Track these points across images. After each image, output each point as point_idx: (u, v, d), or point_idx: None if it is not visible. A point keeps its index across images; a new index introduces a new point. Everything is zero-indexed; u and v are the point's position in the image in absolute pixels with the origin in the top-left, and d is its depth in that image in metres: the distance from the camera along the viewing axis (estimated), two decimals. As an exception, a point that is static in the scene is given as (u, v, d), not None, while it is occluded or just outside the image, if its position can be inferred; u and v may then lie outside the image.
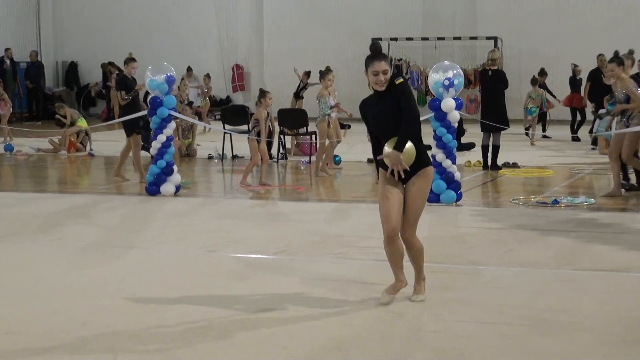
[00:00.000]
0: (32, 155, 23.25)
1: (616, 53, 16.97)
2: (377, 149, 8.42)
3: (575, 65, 26.93)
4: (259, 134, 17.00)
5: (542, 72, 26.55)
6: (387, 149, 8.08)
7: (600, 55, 24.44)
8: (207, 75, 31.19)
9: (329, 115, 18.30)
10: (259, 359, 7.13)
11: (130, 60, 18.60)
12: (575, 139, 24.75)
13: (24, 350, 7.42)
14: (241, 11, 35.19)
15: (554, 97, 27.41)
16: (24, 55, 35.11)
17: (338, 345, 7.21)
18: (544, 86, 26.39)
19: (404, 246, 8.46)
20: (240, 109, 24.24)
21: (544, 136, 26.09)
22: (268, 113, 17.54)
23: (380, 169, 8.39)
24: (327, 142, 18.32)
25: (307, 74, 27.24)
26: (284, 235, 12.32)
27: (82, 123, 23.54)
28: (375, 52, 8.57)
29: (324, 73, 19.50)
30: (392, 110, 8.15)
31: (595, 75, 23.76)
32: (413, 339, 7.72)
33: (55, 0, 37.45)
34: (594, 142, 22.27)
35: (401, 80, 8.27)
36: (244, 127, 20.89)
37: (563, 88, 29.04)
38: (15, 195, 16.44)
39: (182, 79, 28.45)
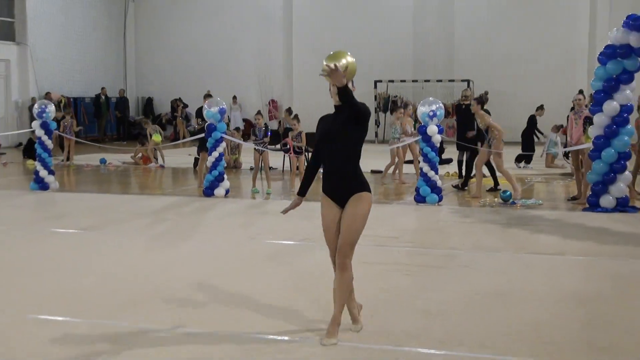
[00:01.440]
0: (119, 167, 23.34)
1: (481, 95, 17.46)
2: (312, 162, 6.97)
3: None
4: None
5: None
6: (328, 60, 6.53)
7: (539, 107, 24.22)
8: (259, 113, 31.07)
9: (398, 138, 18.24)
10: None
11: (207, 95, 18.80)
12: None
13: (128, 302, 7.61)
14: (275, 59, 35.17)
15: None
16: (114, 92, 35.25)
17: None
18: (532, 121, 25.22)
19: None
20: (275, 133, 24.20)
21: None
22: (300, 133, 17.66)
23: (322, 192, 6.67)
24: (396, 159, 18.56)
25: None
26: (307, 227, 12.38)
27: (157, 138, 23.59)
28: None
29: (395, 108, 19.40)
30: (341, 126, 6.45)
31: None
32: (407, 305, 7.79)
33: (137, 51, 37.53)
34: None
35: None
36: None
37: (521, 119, 29.09)
38: (105, 197, 16.55)
39: (258, 112, 28.40)
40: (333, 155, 6.50)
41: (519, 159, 22.52)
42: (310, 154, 17.43)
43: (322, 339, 6.46)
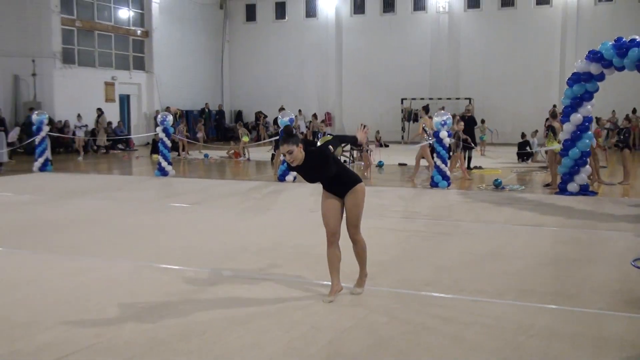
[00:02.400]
0: (217, 160, 23.53)
1: (427, 105, 18.63)
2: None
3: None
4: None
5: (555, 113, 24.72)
6: None
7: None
8: (315, 117, 31.03)
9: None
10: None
11: (281, 109, 18.93)
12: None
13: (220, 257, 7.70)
14: (329, 82, 35.23)
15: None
16: (214, 106, 35.55)
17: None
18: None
19: (340, 253, 6.25)
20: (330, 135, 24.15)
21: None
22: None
23: (323, 189, 6.24)
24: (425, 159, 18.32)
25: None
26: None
27: (245, 138, 23.70)
28: (283, 136, 6.01)
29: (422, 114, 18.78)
30: (311, 169, 6.02)
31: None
32: (423, 261, 7.77)
33: (230, 77, 37.74)
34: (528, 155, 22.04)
35: (313, 149, 6.01)
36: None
37: (511, 126, 28.88)
38: (207, 181, 16.69)
39: (310, 121, 28.41)
40: (320, 179, 6.19)
41: (519, 156, 22.23)
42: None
43: (352, 289, 6.30)
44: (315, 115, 24.64)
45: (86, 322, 5.54)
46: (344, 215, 6.26)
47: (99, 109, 27.30)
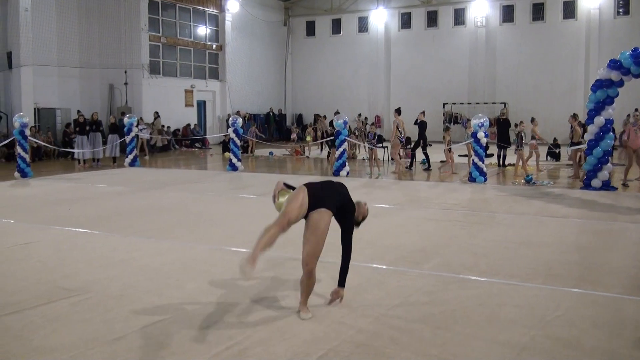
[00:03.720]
0: (280, 157, 23.65)
1: (398, 109, 18.33)
2: None
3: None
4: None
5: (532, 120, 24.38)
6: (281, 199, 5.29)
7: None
8: (373, 124, 30.77)
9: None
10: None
11: (336, 112, 18.96)
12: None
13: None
14: (379, 88, 35.06)
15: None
16: (276, 109, 35.73)
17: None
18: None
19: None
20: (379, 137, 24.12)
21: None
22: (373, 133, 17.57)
23: (304, 188, 5.23)
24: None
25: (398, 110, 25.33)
26: (399, 196, 12.31)
27: (309, 138, 23.76)
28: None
29: (395, 115, 18.45)
30: (334, 195, 5.22)
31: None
32: (462, 247, 7.67)
33: (292, 84, 37.93)
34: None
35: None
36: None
37: (542, 129, 28.20)
38: (272, 175, 16.79)
39: (363, 122, 28.13)
40: (324, 203, 5.09)
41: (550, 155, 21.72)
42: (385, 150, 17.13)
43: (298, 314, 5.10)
44: (360, 115, 24.20)
45: (168, 296, 5.65)
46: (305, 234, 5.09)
47: (156, 112, 27.61)
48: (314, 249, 4.98)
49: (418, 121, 18.83)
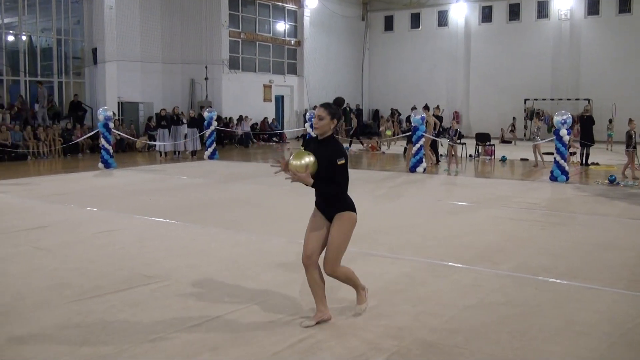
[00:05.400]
0: (356, 152, 23.65)
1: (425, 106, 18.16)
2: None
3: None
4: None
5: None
6: (293, 160, 4.62)
7: None
8: (454, 119, 30.20)
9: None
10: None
11: (413, 108, 18.84)
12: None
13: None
14: (458, 83, 34.49)
15: None
16: (354, 105, 35.73)
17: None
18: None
19: (322, 278, 4.77)
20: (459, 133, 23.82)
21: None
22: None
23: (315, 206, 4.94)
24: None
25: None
26: (477, 194, 12.11)
27: (389, 133, 23.65)
28: (326, 102, 4.87)
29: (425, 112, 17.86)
30: (323, 160, 4.56)
31: None
32: (541, 248, 7.47)
33: (369, 79, 37.86)
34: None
35: (343, 161, 4.57)
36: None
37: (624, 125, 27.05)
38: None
39: (453, 119, 27.70)
40: (316, 179, 4.60)
41: None
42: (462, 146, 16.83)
43: (355, 307, 5.02)
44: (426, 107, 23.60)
45: (244, 287, 5.76)
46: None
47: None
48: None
49: (435, 116, 18.69)
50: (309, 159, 4.55)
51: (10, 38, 23.48)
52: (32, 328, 4.69)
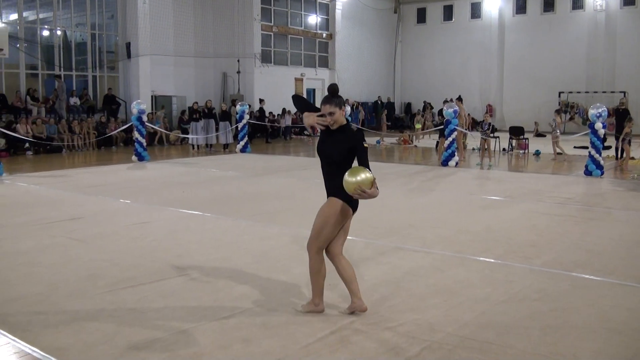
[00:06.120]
0: (388, 145, 23.58)
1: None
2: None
3: None
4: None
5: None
6: (352, 177, 4.32)
7: None
8: (487, 113, 30.09)
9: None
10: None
11: (445, 101, 18.74)
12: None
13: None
14: (491, 76, 34.09)
15: None
16: (385, 98, 35.56)
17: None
18: None
19: (348, 264, 4.79)
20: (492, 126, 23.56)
21: None
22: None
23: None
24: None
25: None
26: (510, 188, 11.98)
27: (418, 126, 23.56)
28: (329, 94, 4.65)
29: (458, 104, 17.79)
30: (341, 148, 4.54)
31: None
32: (575, 244, 7.36)
33: (401, 72, 37.70)
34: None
35: (367, 144, 4.61)
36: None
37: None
38: (378, 164, 16.71)
39: (486, 112, 27.38)
40: (330, 157, 4.63)
41: None
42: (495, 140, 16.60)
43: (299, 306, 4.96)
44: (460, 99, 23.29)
45: (275, 279, 5.79)
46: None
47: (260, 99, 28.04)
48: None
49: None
50: (369, 172, 4.41)
51: (46, 33, 23.89)
52: (67, 317, 4.79)
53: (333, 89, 4.65)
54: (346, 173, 4.41)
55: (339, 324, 4.63)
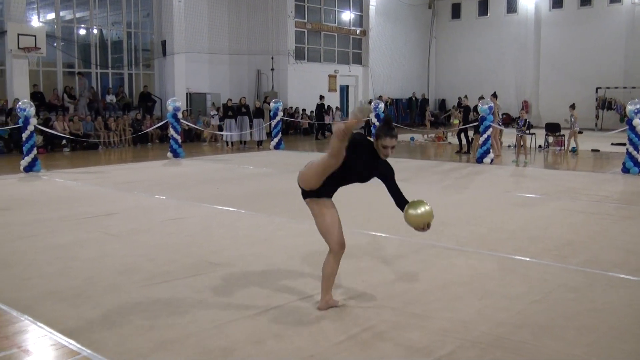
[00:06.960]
0: (421, 143, 23.43)
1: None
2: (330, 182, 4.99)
3: None
4: None
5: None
6: (416, 211, 4.63)
7: None
8: (523, 109, 29.58)
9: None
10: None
11: (480, 97, 18.61)
12: None
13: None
14: (527, 72, 33.59)
15: None
16: (419, 95, 35.32)
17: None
18: None
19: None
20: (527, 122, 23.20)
21: None
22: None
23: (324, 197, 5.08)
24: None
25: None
26: (547, 185, 11.81)
27: (456, 122, 23.31)
28: (390, 127, 4.63)
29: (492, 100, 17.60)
30: (371, 167, 4.85)
31: None
32: (612, 243, 7.22)
33: (436, 69, 37.40)
34: None
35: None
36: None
37: None
38: (412, 161, 16.63)
39: (522, 108, 26.94)
40: (360, 178, 4.99)
41: None
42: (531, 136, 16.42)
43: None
44: (495, 95, 22.84)
45: (308, 275, 5.80)
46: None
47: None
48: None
49: (462, 105, 18.45)
50: (428, 205, 4.67)
51: (82, 32, 24.29)
52: (102, 311, 4.87)
53: (389, 120, 4.74)
54: (409, 207, 4.66)
55: (372, 322, 4.62)
